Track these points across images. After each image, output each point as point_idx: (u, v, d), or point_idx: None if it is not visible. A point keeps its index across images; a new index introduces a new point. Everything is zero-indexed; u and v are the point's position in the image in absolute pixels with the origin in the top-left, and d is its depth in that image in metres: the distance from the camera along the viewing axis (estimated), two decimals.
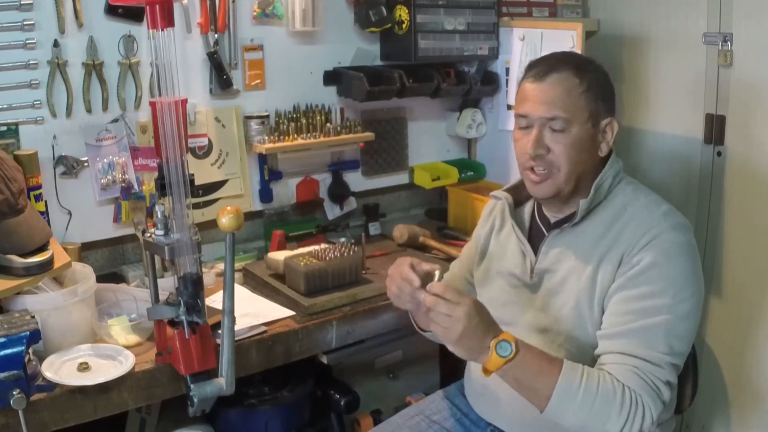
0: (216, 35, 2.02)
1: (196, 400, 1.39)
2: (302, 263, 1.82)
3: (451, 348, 1.28)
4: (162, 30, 1.34)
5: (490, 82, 2.42)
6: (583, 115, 1.40)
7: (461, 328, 1.24)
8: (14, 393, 1.27)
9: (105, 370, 1.44)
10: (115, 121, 1.92)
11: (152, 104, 1.41)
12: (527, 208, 1.60)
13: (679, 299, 1.33)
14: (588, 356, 1.40)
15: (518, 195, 1.59)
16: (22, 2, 1.73)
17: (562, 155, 1.39)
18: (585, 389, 1.27)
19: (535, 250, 1.51)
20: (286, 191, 2.26)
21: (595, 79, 1.42)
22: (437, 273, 1.36)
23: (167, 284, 1.59)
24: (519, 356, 1.26)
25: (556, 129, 1.39)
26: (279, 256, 1.92)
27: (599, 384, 1.28)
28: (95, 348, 1.52)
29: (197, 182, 1.84)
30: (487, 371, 1.29)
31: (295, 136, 2.15)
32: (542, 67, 1.42)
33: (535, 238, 1.54)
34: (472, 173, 2.52)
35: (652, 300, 1.33)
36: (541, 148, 1.40)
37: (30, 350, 1.34)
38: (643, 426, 1.27)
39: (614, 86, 1.48)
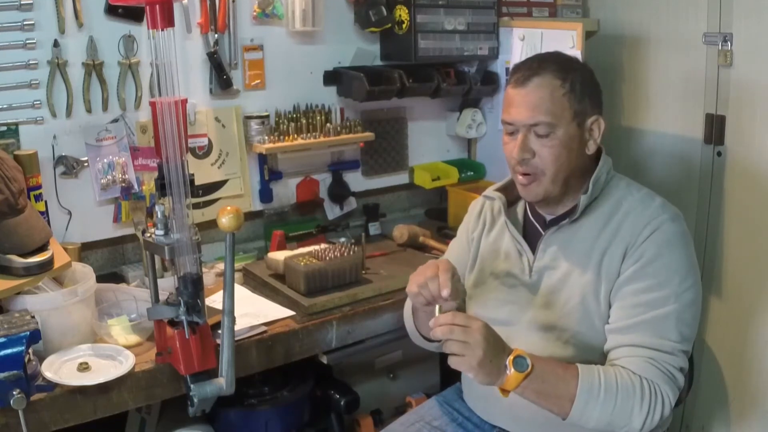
0: (216, 35, 2.02)
1: (196, 400, 1.38)
2: (302, 263, 1.82)
3: (471, 374, 1.26)
4: (162, 30, 1.34)
5: (490, 82, 2.43)
6: (567, 117, 1.40)
7: (481, 352, 1.23)
8: (14, 393, 1.27)
9: (105, 370, 1.44)
10: (115, 121, 1.92)
11: (152, 104, 1.41)
12: (519, 207, 1.61)
13: (684, 287, 1.36)
14: (595, 351, 1.41)
15: (510, 194, 1.59)
16: (22, 2, 1.73)
17: (548, 158, 1.40)
18: (605, 388, 1.28)
19: (532, 248, 1.51)
20: (286, 191, 2.26)
21: (579, 78, 1.42)
22: (437, 308, 1.33)
23: (167, 284, 1.60)
24: (536, 369, 1.27)
25: (540, 134, 1.40)
26: (279, 256, 1.92)
27: (617, 380, 1.29)
28: (95, 348, 1.52)
29: (197, 182, 1.84)
30: (505, 391, 1.28)
31: (295, 136, 2.15)
32: (524, 71, 1.42)
33: (530, 236, 1.54)
34: (472, 173, 2.52)
35: (660, 291, 1.35)
36: (526, 152, 1.41)
37: (30, 350, 1.34)
38: (663, 414, 1.30)
39: (614, 86, 1.48)
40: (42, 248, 1.55)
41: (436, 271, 1.35)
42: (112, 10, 1.86)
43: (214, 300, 1.74)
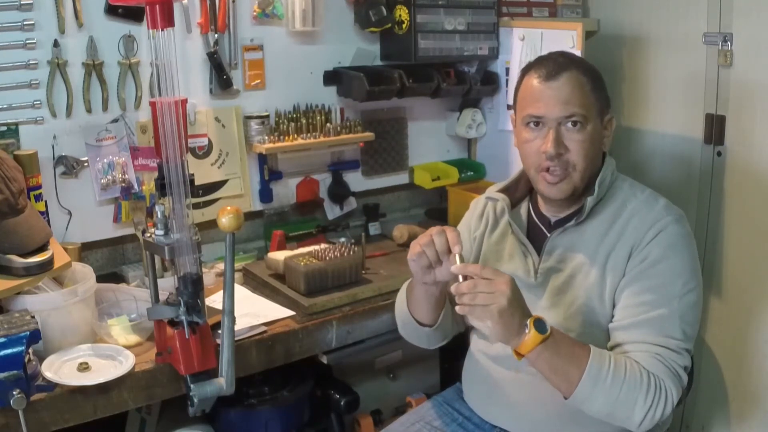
0: (216, 35, 2.02)
1: (196, 400, 1.39)
2: (302, 263, 1.82)
3: (490, 324, 1.24)
4: (162, 30, 1.34)
5: (490, 82, 2.42)
6: (594, 111, 1.42)
7: (505, 303, 1.22)
8: (14, 393, 1.27)
9: (105, 370, 1.44)
10: (115, 121, 1.92)
11: (152, 104, 1.41)
12: (523, 208, 1.59)
13: (688, 289, 1.37)
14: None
15: (512, 196, 1.59)
16: (22, 2, 1.73)
17: (580, 153, 1.40)
18: (614, 374, 1.28)
19: (536, 250, 1.51)
20: (286, 191, 2.26)
21: (596, 76, 1.45)
22: (457, 256, 1.31)
23: (167, 284, 1.60)
24: (553, 336, 1.27)
25: (573, 127, 1.39)
26: (279, 256, 1.92)
27: (626, 369, 1.29)
28: (95, 348, 1.52)
29: (197, 182, 1.84)
30: (519, 354, 1.28)
31: (295, 136, 2.15)
32: (552, 66, 1.41)
33: (534, 238, 1.53)
34: (472, 173, 2.52)
35: (664, 290, 1.36)
36: (561, 147, 1.40)
37: (30, 350, 1.34)
38: (665, 411, 1.30)
39: (614, 86, 1.49)
40: (42, 248, 1.55)
41: (441, 230, 1.34)
42: (112, 10, 1.85)
43: (214, 300, 1.74)
